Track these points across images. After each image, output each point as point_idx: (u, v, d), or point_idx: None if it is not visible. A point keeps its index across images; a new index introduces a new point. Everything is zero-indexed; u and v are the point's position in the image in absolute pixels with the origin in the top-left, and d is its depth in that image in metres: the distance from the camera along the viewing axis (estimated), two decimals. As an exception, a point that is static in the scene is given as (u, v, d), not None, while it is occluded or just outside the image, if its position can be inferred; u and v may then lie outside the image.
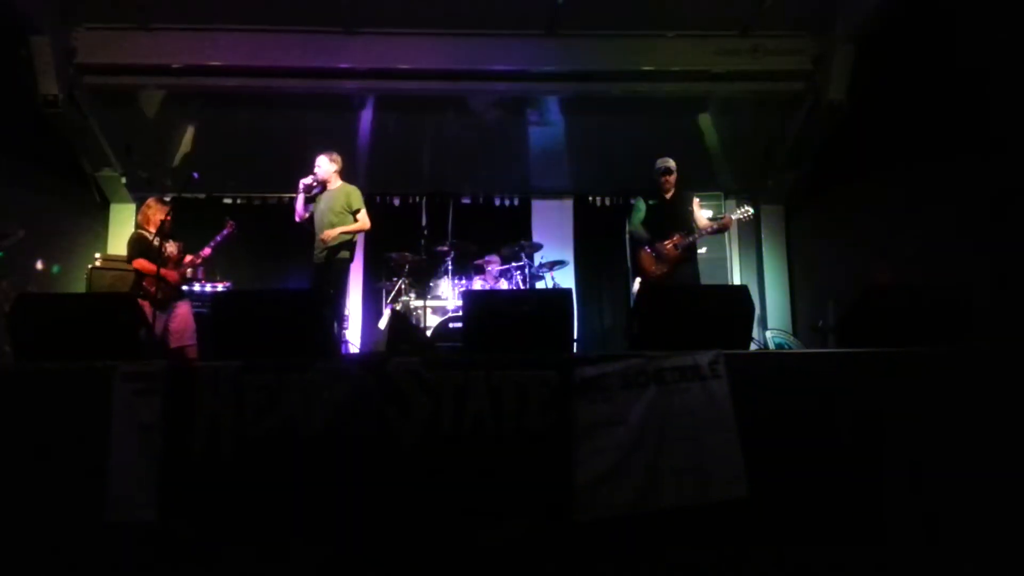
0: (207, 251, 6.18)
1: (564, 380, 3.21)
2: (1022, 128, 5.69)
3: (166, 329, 5.89)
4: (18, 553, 3.05)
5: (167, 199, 6.33)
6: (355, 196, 6.44)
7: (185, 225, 6.74)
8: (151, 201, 6.25)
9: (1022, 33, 5.59)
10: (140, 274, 5.90)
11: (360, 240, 9.13)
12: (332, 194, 6.40)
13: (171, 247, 6.06)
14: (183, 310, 6.06)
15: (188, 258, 6.12)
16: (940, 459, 3.20)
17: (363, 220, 6.42)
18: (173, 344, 5.89)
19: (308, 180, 6.32)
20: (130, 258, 5.98)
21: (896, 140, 7.08)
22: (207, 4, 7.56)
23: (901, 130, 7.00)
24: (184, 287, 6.27)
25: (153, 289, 5.79)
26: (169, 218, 5.98)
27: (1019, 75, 5.67)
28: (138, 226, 6.21)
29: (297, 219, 6.39)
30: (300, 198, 6.33)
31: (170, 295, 5.94)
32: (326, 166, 6.41)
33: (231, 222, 6.39)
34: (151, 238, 5.92)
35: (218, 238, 6.26)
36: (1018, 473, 3.16)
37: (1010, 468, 3.17)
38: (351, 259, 6.50)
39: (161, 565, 3.04)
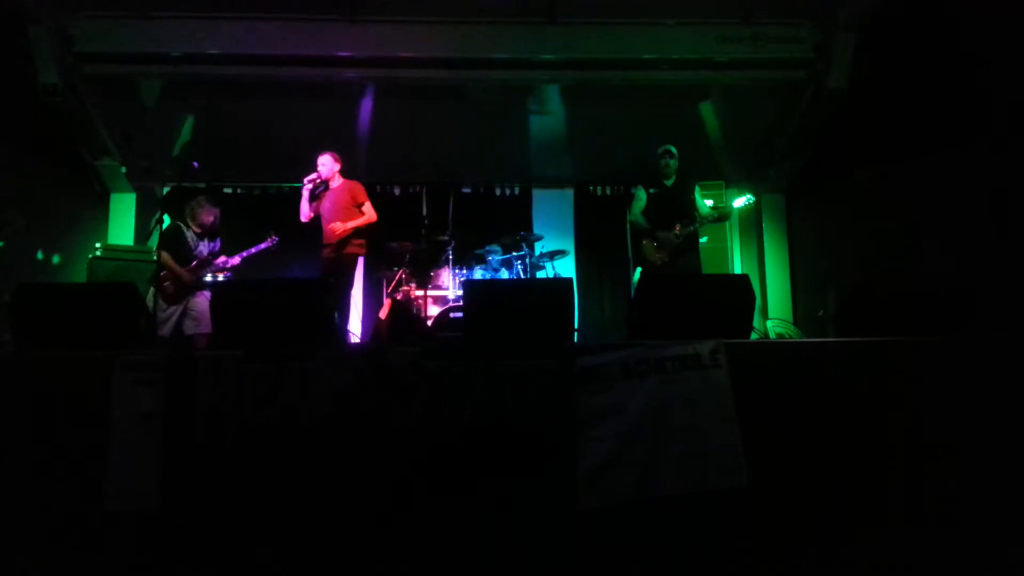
0: (237, 259, 6.22)
1: (565, 370, 3.21)
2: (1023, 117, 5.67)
3: (184, 315, 5.94)
4: (19, 542, 3.07)
5: (214, 201, 6.38)
6: (359, 190, 6.60)
7: (185, 215, 6.75)
8: (202, 199, 6.27)
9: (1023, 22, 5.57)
10: (160, 264, 5.94)
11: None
12: (336, 192, 6.55)
13: (203, 247, 6.11)
14: (201, 299, 6.10)
15: (221, 259, 6.16)
16: (940, 448, 3.21)
17: (369, 213, 6.57)
18: (188, 330, 5.94)
19: (313, 177, 6.35)
20: (159, 248, 6.04)
21: (898, 129, 7.06)
22: (206, -8, 7.55)
23: (903, 119, 6.98)
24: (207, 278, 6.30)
25: (167, 284, 5.82)
26: (213, 219, 6.15)
27: (1021, 64, 5.65)
28: (184, 220, 6.20)
29: (303, 219, 6.48)
30: (305, 197, 6.39)
31: (182, 292, 5.96)
32: (331, 164, 6.54)
33: (274, 237, 6.42)
34: (187, 233, 5.96)
35: (253, 249, 6.29)
36: (1018, 463, 3.17)
37: (1009, 458, 3.18)
38: (363, 253, 6.68)
39: (162, 554, 3.05)
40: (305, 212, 6.43)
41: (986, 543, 3.12)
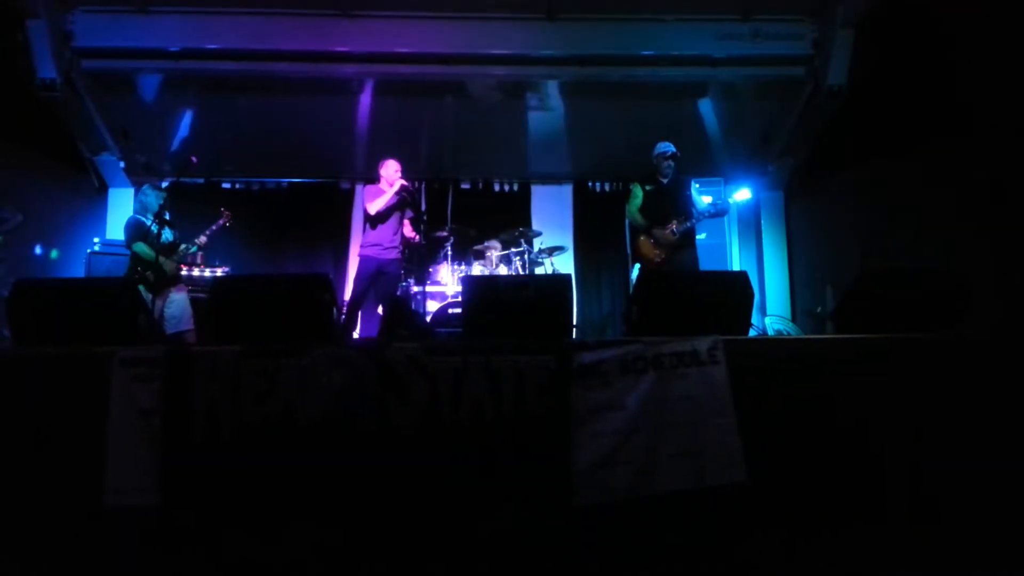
0: (202, 239, 6.19)
1: (563, 366, 3.21)
2: (1022, 112, 5.67)
3: (162, 315, 5.90)
4: (18, 538, 3.07)
5: (164, 186, 6.35)
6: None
7: (183, 210, 6.75)
8: (147, 188, 6.25)
9: (1022, 17, 5.56)
10: (136, 259, 5.90)
11: (359, 226, 9.15)
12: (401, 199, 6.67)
13: (166, 234, 6.08)
14: (179, 295, 6.06)
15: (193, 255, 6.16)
16: (938, 443, 3.21)
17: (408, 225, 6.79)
18: (170, 330, 5.90)
19: (407, 184, 6.56)
20: (128, 243, 5.99)
21: (896, 125, 7.05)
22: (205, -13, 7.55)
23: (901, 115, 6.98)
24: (182, 272, 6.26)
25: (148, 273, 5.79)
26: (162, 204, 6.04)
27: (1020, 60, 5.65)
28: (136, 213, 6.19)
29: (374, 212, 6.44)
30: (393, 201, 6.51)
31: (165, 281, 5.93)
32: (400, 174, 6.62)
33: (227, 212, 6.39)
34: (148, 224, 5.92)
35: (213, 228, 6.26)
36: (1014, 456, 3.18)
37: (1007, 452, 3.19)
38: None
39: (161, 549, 3.06)
40: (379, 209, 6.46)
41: (986, 541, 3.12)
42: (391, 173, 6.55)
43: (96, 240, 7.73)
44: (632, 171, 7.05)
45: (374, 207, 6.43)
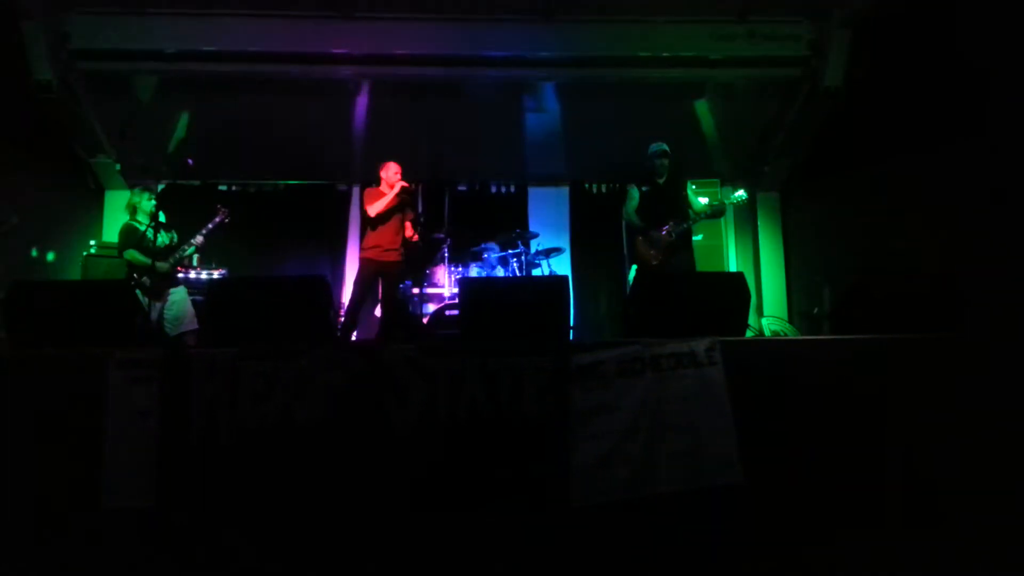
0: (200, 239, 6.15)
1: (560, 367, 3.22)
2: (1021, 113, 5.68)
3: (162, 317, 5.87)
4: (16, 539, 3.06)
5: (154, 189, 6.28)
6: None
7: (180, 212, 6.72)
8: (139, 192, 6.21)
9: (1022, 18, 5.57)
10: (132, 265, 5.87)
11: (356, 227, 9.08)
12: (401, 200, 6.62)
13: (162, 237, 6.05)
14: (178, 297, 6.03)
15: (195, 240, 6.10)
16: (936, 444, 3.22)
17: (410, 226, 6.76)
18: (172, 332, 5.87)
19: (408, 187, 6.53)
20: (121, 249, 5.95)
21: (893, 126, 7.07)
22: (201, -12, 7.54)
23: (898, 116, 6.99)
24: (179, 275, 6.22)
25: (144, 278, 5.76)
26: (155, 204, 6.00)
27: (1018, 61, 5.66)
28: (128, 217, 6.16)
29: (375, 214, 6.42)
30: (393, 201, 6.46)
31: (163, 284, 5.90)
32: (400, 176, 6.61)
33: (223, 209, 6.35)
34: (142, 228, 5.90)
35: (210, 225, 6.22)
36: (1014, 457, 3.18)
37: (1006, 452, 3.19)
38: None
39: (158, 551, 3.05)
40: (380, 211, 6.42)
41: (986, 542, 3.13)
42: (391, 175, 6.54)
43: (92, 242, 7.70)
44: (629, 172, 7.05)
45: (374, 209, 6.40)
